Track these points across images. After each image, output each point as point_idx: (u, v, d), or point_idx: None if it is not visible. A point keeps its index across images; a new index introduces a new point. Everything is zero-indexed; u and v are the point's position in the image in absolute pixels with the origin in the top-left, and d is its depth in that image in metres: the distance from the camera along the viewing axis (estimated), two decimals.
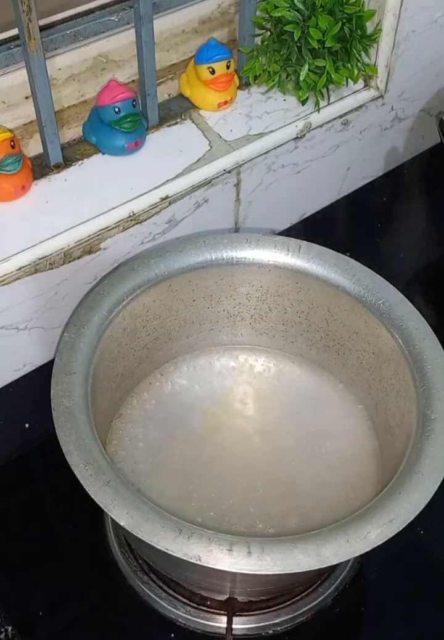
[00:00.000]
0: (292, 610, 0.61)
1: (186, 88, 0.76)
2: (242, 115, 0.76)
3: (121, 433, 0.64)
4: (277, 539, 0.47)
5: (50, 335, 0.71)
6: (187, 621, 0.60)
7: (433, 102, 0.91)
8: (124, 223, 0.68)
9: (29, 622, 0.60)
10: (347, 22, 0.71)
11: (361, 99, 0.81)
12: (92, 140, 0.71)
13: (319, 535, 0.47)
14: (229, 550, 0.46)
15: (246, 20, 0.75)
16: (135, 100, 0.69)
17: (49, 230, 0.65)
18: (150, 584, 0.61)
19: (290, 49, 0.72)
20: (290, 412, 0.67)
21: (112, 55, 0.73)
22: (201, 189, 0.72)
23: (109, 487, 0.48)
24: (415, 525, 0.48)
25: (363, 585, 0.64)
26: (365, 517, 0.48)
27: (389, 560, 0.63)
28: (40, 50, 0.61)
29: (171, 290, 0.64)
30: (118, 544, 0.63)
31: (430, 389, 0.55)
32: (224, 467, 0.63)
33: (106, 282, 0.61)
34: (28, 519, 0.65)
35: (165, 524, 0.46)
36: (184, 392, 0.68)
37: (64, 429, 0.51)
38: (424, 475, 0.50)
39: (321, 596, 0.61)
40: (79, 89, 0.73)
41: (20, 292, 0.65)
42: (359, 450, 0.64)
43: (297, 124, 0.76)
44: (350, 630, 0.62)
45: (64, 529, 0.65)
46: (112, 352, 0.61)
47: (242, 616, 0.60)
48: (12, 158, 0.64)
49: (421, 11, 0.80)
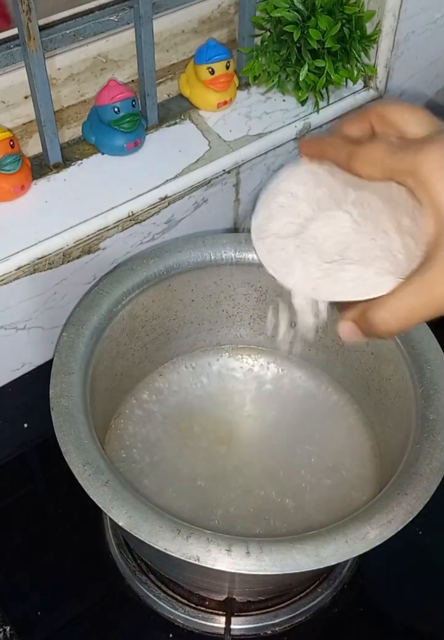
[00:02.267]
0: (290, 611, 0.61)
1: (185, 88, 0.76)
2: (241, 116, 0.76)
3: (119, 433, 0.64)
4: (276, 539, 0.47)
5: (49, 335, 0.71)
6: (186, 621, 0.60)
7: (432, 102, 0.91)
8: (123, 223, 0.68)
9: (27, 622, 0.60)
10: (347, 23, 0.71)
11: (361, 99, 0.81)
12: (92, 140, 0.71)
13: (318, 535, 0.47)
14: (228, 550, 0.46)
15: (246, 21, 0.75)
16: (134, 100, 0.69)
17: (48, 230, 0.65)
18: (148, 584, 0.61)
19: (290, 50, 0.72)
20: (289, 412, 0.67)
21: (112, 55, 0.73)
22: (200, 189, 0.72)
23: (108, 487, 0.48)
24: (414, 525, 0.48)
25: (361, 586, 0.64)
26: (364, 518, 0.48)
27: (388, 560, 0.63)
28: (40, 49, 0.61)
29: (170, 290, 0.64)
30: (117, 544, 0.63)
31: (429, 390, 0.55)
32: (223, 467, 0.63)
33: (105, 282, 0.61)
34: (26, 518, 0.65)
35: (164, 524, 0.46)
36: (183, 392, 0.68)
37: (63, 429, 0.51)
38: (422, 476, 0.50)
39: (319, 596, 0.61)
40: (78, 88, 0.73)
41: (19, 292, 0.65)
42: (358, 450, 0.64)
43: (296, 124, 0.76)
44: (349, 631, 0.62)
45: (63, 528, 0.65)
46: (111, 352, 0.61)
47: (241, 616, 0.60)
48: (12, 158, 0.64)
49: (421, 12, 0.80)
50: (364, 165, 0.41)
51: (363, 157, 0.41)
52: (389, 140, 0.41)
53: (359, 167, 0.41)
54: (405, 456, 0.53)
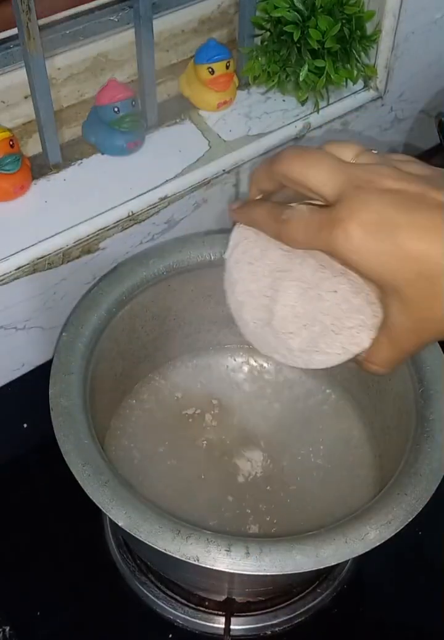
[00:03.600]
0: (290, 611, 0.61)
1: (185, 88, 0.76)
2: (241, 116, 0.76)
3: (119, 433, 0.64)
4: (276, 540, 0.47)
5: (48, 335, 0.71)
6: (185, 622, 0.60)
7: (432, 103, 0.91)
8: (123, 223, 0.68)
9: (26, 622, 0.60)
10: (346, 23, 0.71)
11: (361, 99, 0.81)
12: (92, 140, 0.71)
13: (318, 536, 0.47)
14: (228, 551, 0.46)
15: (246, 21, 0.74)
16: (134, 100, 0.69)
17: (48, 230, 0.65)
18: (148, 584, 0.61)
19: (290, 50, 0.72)
20: (289, 413, 0.67)
21: (112, 55, 0.73)
22: (200, 189, 0.72)
23: (108, 487, 0.48)
24: (413, 526, 0.48)
25: (361, 586, 0.64)
26: (363, 518, 0.48)
27: (388, 561, 0.63)
28: (40, 49, 0.61)
29: (170, 290, 0.64)
30: (116, 544, 0.63)
31: (429, 390, 0.55)
32: (222, 467, 0.63)
33: (105, 282, 0.61)
34: (26, 518, 0.65)
35: (163, 525, 0.46)
36: (182, 392, 0.68)
37: (63, 429, 0.51)
38: (422, 476, 0.50)
39: (319, 597, 0.61)
40: (78, 88, 0.73)
41: (18, 292, 0.65)
42: (358, 450, 0.64)
43: (296, 124, 0.76)
44: (348, 631, 0.62)
45: (62, 529, 0.65)
46: (110, 352, 0.61)
47: (240, 617, 0.60)
48: (11, 157, 0.64)
49: (421, 12, 0.80)
50: (291, 244, 0.42)
51: (286, 238, 0.42)
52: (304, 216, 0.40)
53: (288, 244, 0.42)
54: (405, 456, 0.52)
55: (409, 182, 0.38)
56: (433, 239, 0.36)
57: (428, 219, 0.37)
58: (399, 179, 0.39)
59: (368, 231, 0.37)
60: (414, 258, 0.37)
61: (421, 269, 0.37)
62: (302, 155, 0.41)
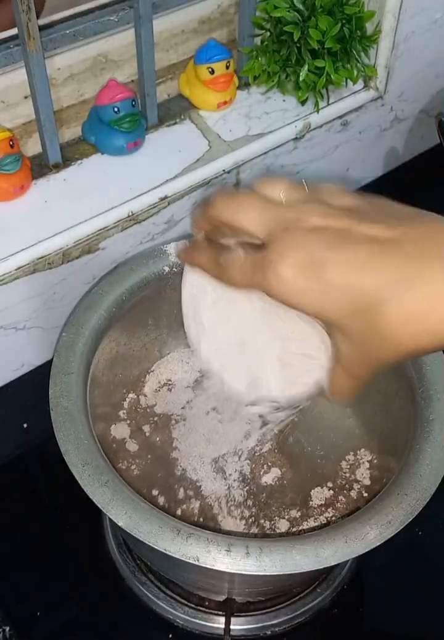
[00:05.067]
0: (290, 611, 0.61)
1: (185, 88, 0.76)
2: (241, 116, 0.76)
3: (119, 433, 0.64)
4: (276, 540, 0.47)
5: (48, 335, 0.71)
6: (185, 622, 0.60)
7: (432, 103, 0.91)
8: (123, 223, 0.68)
9: (26, 622, 0.60)
10: (347, 23, 0.71)
11: (361, 99, 0.81)
12: (92, 140, 0.71)
13: (318, 536, 0.47)
14: (228, 551, 0.46)
15: (246, 21, 0.75)
16: (134, 100, 0.69)
17: (48, 230, 0.65)
18: (148, 584, 0.61)
19: (290, 50, 0.72)
20: None
21: (112, 55, 0.73)
22: (200, 189, 0.72)
23: (107, 488, 0.48)
24: (413, 526, 0.48)
25: (361, 586, 0.64)
26: (364, 518, 0.48)
27: (388, 560, 0.63)
28: (40, 49, 0.61)
29: (169, 290, 0.64)
30: (116, 545, 0.63)
31: (429, 390, 0.55)
32: (222, 467, 0.63)
33: (105, 282, 0.61)
34: (26, 518, 0.65)
35: (163, 525, 0.46)
36: (183, 391, 0.68)
37: (62, 429, 0.51)
38: (422, 477, 0.50)
39: (319, 597, 0.61)
40: (78, 88, 0.73)
41: (18, 292, 0.65)
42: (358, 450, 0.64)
43: (296, 124, 0.76)
44: (348, 631, 0.62)
45: (62, 529, 0.65)
46: (110, 352, 0.61)
47: (240, 617, 0.60)
48: (11, 157, 0.64)
49: (421, 12, 0.80)
50: (231, 287, 0.43)
51: (226, 281, 0.43)
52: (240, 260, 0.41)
53: (229, 286, 0.43)
54: (405, 456, 0.53)
55: (336, 217, 0.38)
56: (360, 273, 0.37)
57: (353, 254, 0.37)
58: (326, 216, 0.39)
59: (297, 272, 0.37)
60: (345, 294, 0.37)
61: (354, 303, 0.37)
62: (233, 199, 0.42)
